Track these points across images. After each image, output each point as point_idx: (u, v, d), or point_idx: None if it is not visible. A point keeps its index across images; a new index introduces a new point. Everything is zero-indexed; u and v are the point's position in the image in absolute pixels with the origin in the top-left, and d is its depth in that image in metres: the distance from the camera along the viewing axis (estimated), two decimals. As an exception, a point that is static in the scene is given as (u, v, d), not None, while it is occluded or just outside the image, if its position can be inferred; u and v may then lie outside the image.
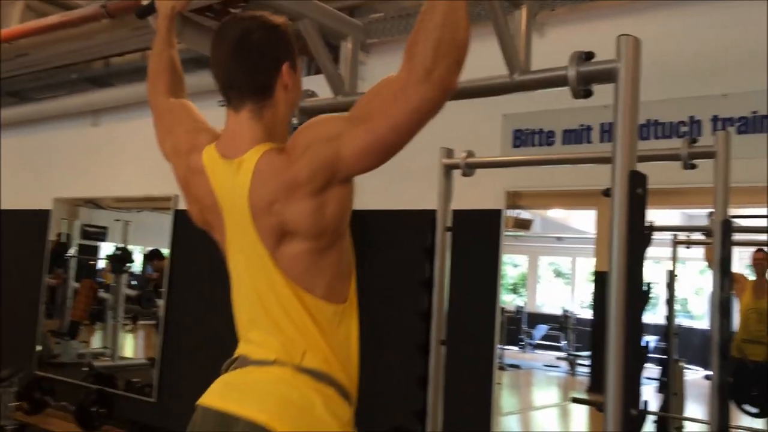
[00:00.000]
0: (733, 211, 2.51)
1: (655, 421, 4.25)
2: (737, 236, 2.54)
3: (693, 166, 2.43)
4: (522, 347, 10.48)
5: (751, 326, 4.53)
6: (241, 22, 1.37)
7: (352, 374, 1.40)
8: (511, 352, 9.96)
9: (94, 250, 7.14)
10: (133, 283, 7.04)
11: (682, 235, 4.71)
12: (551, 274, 13.46)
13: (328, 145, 1.27)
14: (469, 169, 2.79)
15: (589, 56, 1.71)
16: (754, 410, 4.52)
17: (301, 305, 1.33)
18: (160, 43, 1.72)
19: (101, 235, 6.94)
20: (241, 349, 1.42)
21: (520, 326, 10.48)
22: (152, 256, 6.77)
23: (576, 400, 5.56)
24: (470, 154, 2.79)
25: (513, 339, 10.09)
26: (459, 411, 3.43)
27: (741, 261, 5.93)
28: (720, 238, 2.42)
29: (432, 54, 1.21)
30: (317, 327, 1.34)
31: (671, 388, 4.34)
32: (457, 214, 2.85)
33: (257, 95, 1.36)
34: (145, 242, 7.62)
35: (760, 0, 3.30)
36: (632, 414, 1.61)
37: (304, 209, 1.29)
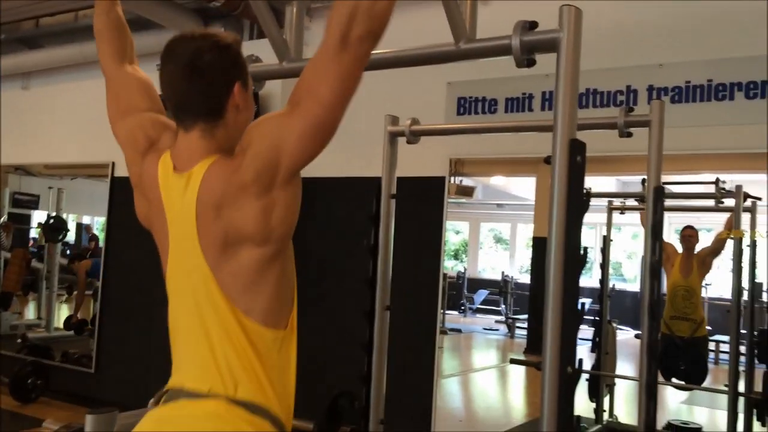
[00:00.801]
0: (665, 178, 2.60)
1: (588, 379, 4.44)
2: (669, 202, 2.65)
3: (629, 135, 2.51)
4: (462, 311, 10.72)
5: (679, 303, 4.75)
6: (192, 41, 1.35)
7: (288, 404, 1.38)
8: (452, 317, 10.18)
9: (27, 219, 6.91)
10: (68, 252, 6.87)
11: (617, 201, 4.87)
12: (491, 240, 13.73)
13: (269, 142, 1.27)
14: (414, 136, 2.80)
15: (532, 26, 1.74)
16: (680, 383, 4.78)
17: (241, 329, 1.31)
18: (104, 4, 1.65)
19: (33, 203, 6.71)
20: (175, 380, 1.38)
21: (461, 291, 10.70)
22: (74, 258, 6.58)
23: (514, 361, 5.75)
24: (415, 121, 2.80)
25: (454, 304, 10.31)
26: (402, 374, 3.50)
27: (671, 226, 6.19)
28: (652, 204, 2.51)
29: (346, 20, 1.23)
30: (255, 353, 1.31)
31: (604, 348, 4.53)
32: (402, 181, 2.87)
33: (209, 116, 1.35)
34: (79, 210, 7.40)
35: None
36: (568, 372, 1.69)
37: (251, 211, 1.27)
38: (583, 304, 4.64)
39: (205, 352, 1.32)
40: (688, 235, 4.89)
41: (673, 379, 4.70)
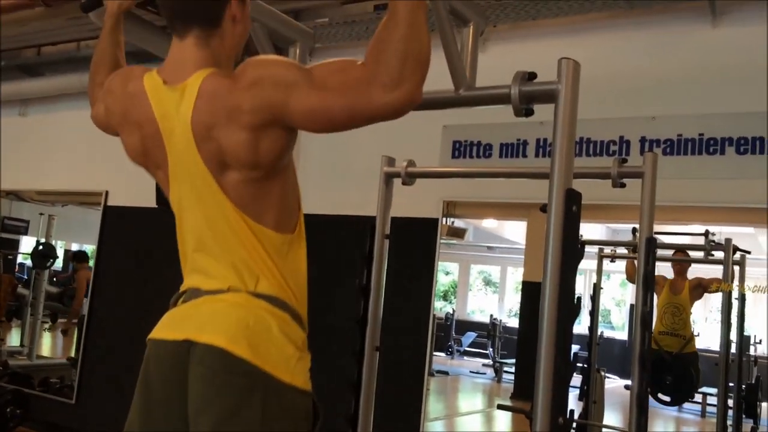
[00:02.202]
0: (655, 229, 2.62)
1: (575, 428, 4.40)
2: (659, 252, 2.66)
3: (623, 185, 2.54)
4: (450, 353, 10.64)
5: (667, 320, 4.78)
6: None
7: (302, 301, 1.41)
8: (439, 358, 10.10)
9: (15, 244, 6.86)
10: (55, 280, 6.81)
11: (607, 249, 4.90)
12: (481, 282, 13.72)
13: (279, 90, 1.26)
14: (410, 178, 2.82)
15: (531, 76, 1.78)
16: (667, 399, 4.75)
17: (252, 234, 1.34)
18: (105, 41, 1.68)
19: (23, 228, 6.67)
20: (190, 281, 1.41)
21: (450, 333, 10.64)
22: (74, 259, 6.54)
23: (502, 407, 5.69)
24: (411, 163, 2.82)
25: (442, 345, 10.23)
26: (389, 416, 3.47)
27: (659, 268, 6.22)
28: (644, 255, 2.53)
29: (399, 66, 1.22)
30: (269, 255, 1.35)
31: (591, 396, 4.50)
32: (395, 221, 2.88)
33: (204, 23, 1.35)
34: (69, 238, 7.36)
35: (688, 28, 3.50)
36: (559, 422, 1.68)
37: (239, 139, 1.28)
38: (575, 354, 4.62)
39: (221, 257, 1.35)
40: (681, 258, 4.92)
41: (659, 395, 4.67)
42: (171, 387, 1.32)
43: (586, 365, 4.60)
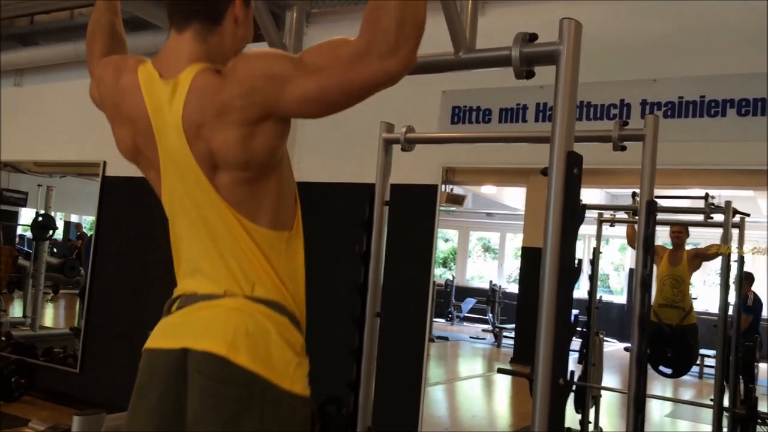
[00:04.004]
0: (655, 192, 2.61)
1: (574, 391, 4.45)
2: (659, 216, 2.65)
3: (623, 148, 2.52)
4: (450, 319, 10.73)
5: (667, 292, 4.78)
6: None
7: (301, 303, 1.39)
8: (439, 324, 10.19)
9: (14, 216, 6.86)
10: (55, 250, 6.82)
11: (606, 214, 4.90)
12: (480, 248, 13.77)
13: (271, 84, 1.24)
14: (409, 144, 2.80)
15: (532, 38, 1.75)
16: (668, 371, 4.79)
17: (247, 234, 1.31)
18: (101, 7, 1.65)
19: (22, 200, 6.66)
20: (184, 286, 1.38)
21: (450, 299, 10.71)
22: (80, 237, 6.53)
23: (502, 371, 5.75)
24: (410, 129, 2.80)
25: (442, 311, 10.32)
26: (390, 381, 3.50)
27: (658, 240, 6.23)
28: (645, 218, 2.52)
29: (396, 32, 1.21)
30: (264, 256, 1.32)
31: (590, 359, 4.54)
32: (394, 188, 2.87)
33: (205, 18, 1.33)
34: (68, 209, 7.36)
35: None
36: (560, 384, 1.69)
37: (229, 137, 1.25)
38: (576, 316, 4.64)
39: (216, 259, 1.33)
40: (678, 231, 4.92)
41: (660, 368, 4.71)
42: (168, 396, 1.30)
43: (585, 329, 4.63)
